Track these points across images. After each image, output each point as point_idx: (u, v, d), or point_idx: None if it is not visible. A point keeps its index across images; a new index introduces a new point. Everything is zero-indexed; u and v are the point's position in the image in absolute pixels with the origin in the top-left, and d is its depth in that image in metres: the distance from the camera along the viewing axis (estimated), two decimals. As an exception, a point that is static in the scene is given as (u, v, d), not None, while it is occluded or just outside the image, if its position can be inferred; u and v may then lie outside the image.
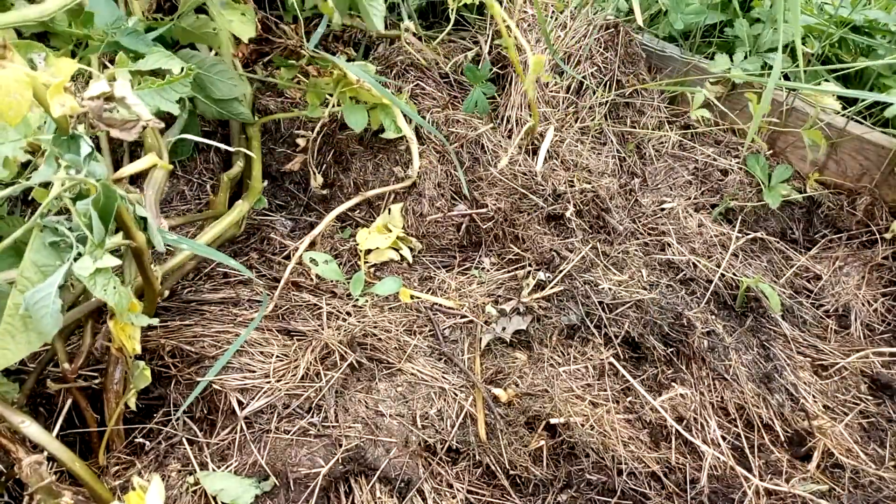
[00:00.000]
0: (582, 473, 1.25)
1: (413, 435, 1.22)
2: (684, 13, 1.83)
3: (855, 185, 1.75)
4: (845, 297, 1.59)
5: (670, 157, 1.80)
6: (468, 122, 1.68)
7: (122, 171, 0.86)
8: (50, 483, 0.94)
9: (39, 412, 1.23)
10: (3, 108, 0.68)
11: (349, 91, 1.56)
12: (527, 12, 1.81)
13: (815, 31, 1.82)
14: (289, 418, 1.21)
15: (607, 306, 1.44)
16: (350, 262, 1.55)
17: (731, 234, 1.65)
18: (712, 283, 1.52)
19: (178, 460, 1.17)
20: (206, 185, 1.62)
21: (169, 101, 1.03)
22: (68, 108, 0.70)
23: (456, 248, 1.61)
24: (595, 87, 1.77)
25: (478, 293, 1.48)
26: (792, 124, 1.76)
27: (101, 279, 0.80)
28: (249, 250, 1.56)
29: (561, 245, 1.55)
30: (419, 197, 1.60)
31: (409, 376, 1.30)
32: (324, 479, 1.15)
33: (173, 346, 1.28)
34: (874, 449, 1.35)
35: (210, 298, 1.41)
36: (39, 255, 0.81)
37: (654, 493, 1.24)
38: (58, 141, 0.74)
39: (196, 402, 1.24)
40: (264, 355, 1.29)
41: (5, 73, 0.68)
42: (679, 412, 1.34)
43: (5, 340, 0.83)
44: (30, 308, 0.78)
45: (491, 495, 1.22)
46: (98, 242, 0.78)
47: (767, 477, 1.28)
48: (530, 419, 1.29)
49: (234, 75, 1.37)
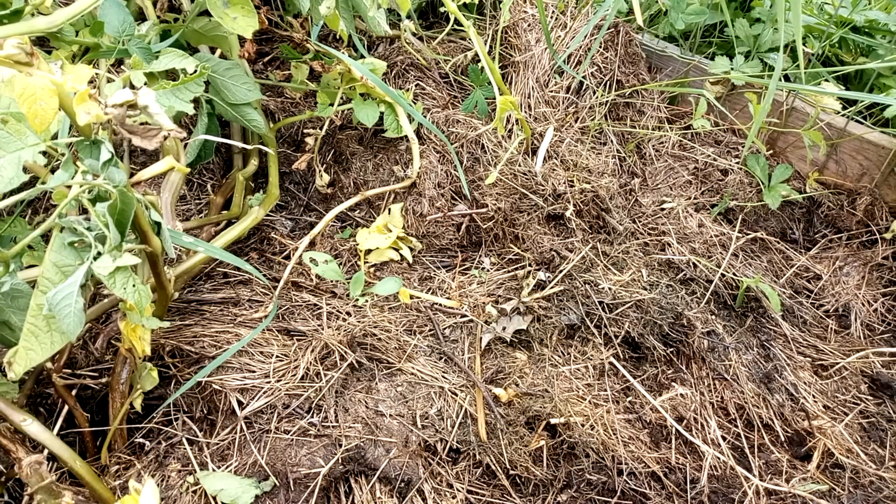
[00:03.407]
0: (582, 473, 1.25)
1: (413, 435, 1.22)
2: (684, 13, 1.83)
3: (855, 185, 1.75)
4: (845, 297, 1.59)
5: (670, 157, 1.80)
6: (468, 122, 1.68)
7: (140, 175, 0.86)
8: (50, 483, 0.94)
9: (39, 412, 1.23)
10: (30, 116, 0.69)
11: (359, 87, 1.56)
12: (527, 12, 1.81)
13: (816, 31, 1.82)
14: (289, 418, 1.21)
15: (607, 306, 1.44)
16: (350, 262, 1.55)
17: (731, 234, 1.65)
18: (712, 283, 1.52)
19: (178, 460, 1.17)
20: (206, 185, 1.62)
21: (183, 101, 1.04)
22: (93, 116, 0.71)
23: (456, 247, 1.61)
24: (595, 87, 1.77)
25: (478, 293, 1.48)
26: (792, 124, 1.76)
27: (121, 278, 0.80)
28: (249, 250, 1.56)
29: (561, 245, 1.55)
30: (419, 197, 1.60)
31: (409, 376, 1.29)
32: (324, 479, 1.15)
33: (173, 346, 1.28)
34: (874, 449, 1.35)
35: (210, 298, 1.41)
36: (60, 255, 0.82)
37: (654, 493, 1.24)
38: (80, 146, 0.75)
39: (196, 402, 1.24)
40: (264, 355, 1.29)
41: (32, 80, 0.68)
42: (679, 412, 1.34)
43: (30, 341, 0.84)
44: (52, 308, 0.79)
45: (491, 495, 1.22)
46: (115, 246, 0.79)
47: (767, 477, 1.28)
48: (530, 419, 1.29)
49: (248, 80, 1.37)
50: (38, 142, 0.76)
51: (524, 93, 1.72)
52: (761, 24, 1.84)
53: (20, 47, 0.68)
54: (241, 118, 1.42)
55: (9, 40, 0.67)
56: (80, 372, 1.24)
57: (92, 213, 0.79)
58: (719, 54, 1.85)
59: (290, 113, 1.71)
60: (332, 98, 1.59)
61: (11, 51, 0.67)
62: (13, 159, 0.73)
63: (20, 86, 0.69)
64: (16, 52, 0.67)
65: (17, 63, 0.68)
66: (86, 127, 0.73)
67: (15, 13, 0.88)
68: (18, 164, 0.74)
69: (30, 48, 0.68)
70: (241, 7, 1.16)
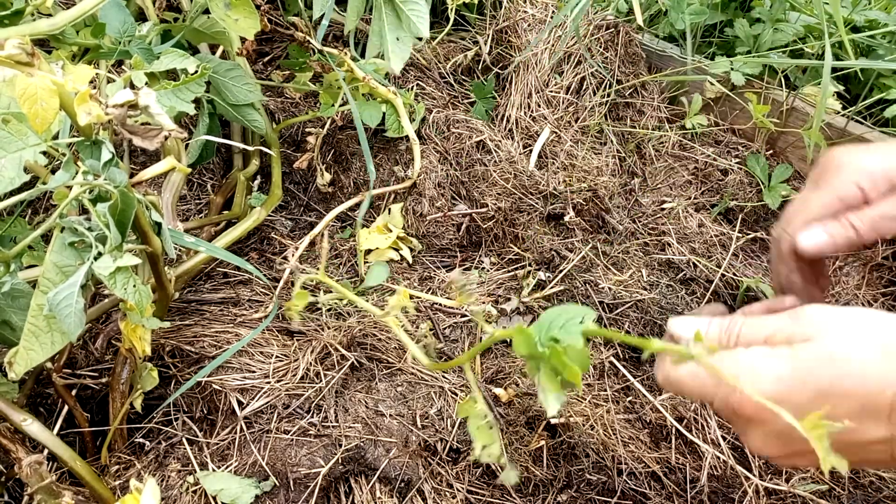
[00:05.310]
0: (582, 473, 1.25)
1: (413, 435, 1.22)
2: (685, 13, 1.83)
3: (855, 186, 1.75)
4: (845, 297, 1.59)
5: (670, 157, 1.80)
6: (468, 123, 1.68)
7: (142, 175, 0.86)
8: (50, 483, 0.94)
9: (39, 412, 1.23)
10: (31, 116, 0.69)
11: (362, 88, 1.56)
12: (527, 12, 1.81)
13: (816, 30, 1.82)
14: (289, 418, 1.21)
15: (607, 306, 1.44)
16: (350, 262, 1.55)
17: (731, 234, 1.65)
18: (712, 283, 1.52)
19: (178, 460, 1.17)
20: (206, 185, 1.62)
21: (184, 102, 1.04)
22: (94, 116, 0.71)
23: (456, 247, 1.61)
24: (595, 86, 1.77)
25: (478, 293, 1.48)
26: (792, 124, 1.76)
27: (122, 278, 0.80)
28: (249, 250, 1.56)
29: (561, 245, 1.55)
30: (419, 197, 1.60)
31: (409, 376, 1.30)
32: (324, 479, 1.15)
33: (173, 346, 1.28)
34: (874, 449, 1.35)
35: (210, 298, 1.41)
36: (60, 255, 0.82)
37: (654, 493, 1.24)
38: (81, 146, 0.75)
39: (196, 402, 1.24)
40: (264, 355, 1.29)
41: (33, 81, 0.68)
42: (679, 412, 1.34)
43: (30, 341, 0.84)
44: (53, 308, 0.79)
45: (491, 495, 1.22)
46: (115, 246, 0.79)
47: (767, 476, 1.28)
48: (530, 419, 1.29)
49: (249, 80, 1.37)
50: (39, 142, 0.76)
51: (524, 93, 1.72)
52: (761, 24, 1.84)
53: (21, 47, 0.68)
54: (242, 118, 1.41)
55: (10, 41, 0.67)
56: (80, 372, 1.24)
57: (93, 214, 0.79)
58: (719, 54, 1.85)
59: (290, 113, 1.71)
60: (334, 98, 1.59)
61: (12, 51, 0.67)
62: (14, 159, 0.73)
63: (21, 86, 0.69)
64: (17, 53, 0.67)
65: (18, 63, 0.68)
66: (86, 127, 0.73)
67: (16, 14, 0.88)
68: (20, 165, 0.74)
69: (31, 48, 0.68)
70: (243, 9, 1.16)
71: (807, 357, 0.54)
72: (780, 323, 0.58)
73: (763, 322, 0.59)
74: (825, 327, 0.55)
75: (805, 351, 0.54)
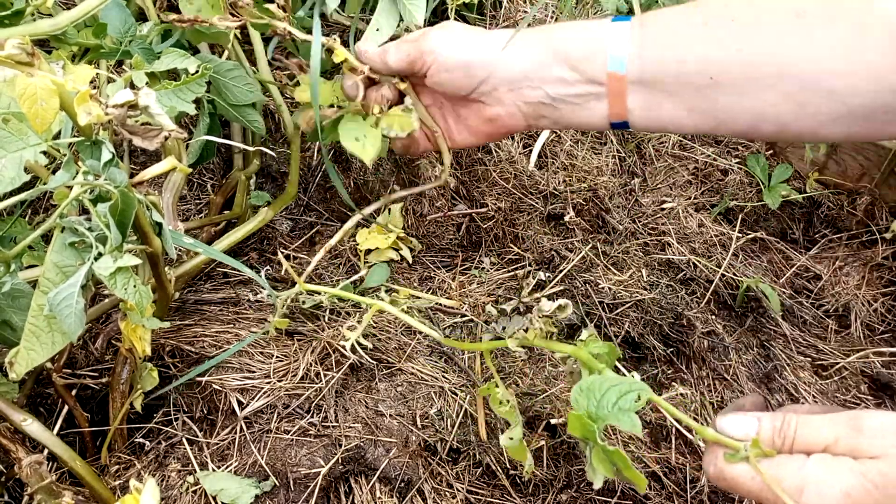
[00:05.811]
0: (582, 473, 1.25)
1: (413, 435, 1.22)
2: (684, 13, 1.83)
3: (855, 185, 1.75)
4: (845, 297, 1.59)
5: (670, 157, 1.80)
6: (468, 122, 1.68)
7: (142, 175, 0.86)
8: (50, 483, 0.94)
9: (39, 412, 1.23)
10: (31, 116, 0.69)
11: None
12: (527, 12, 1.81)
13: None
14: (289, 418, 1.21)
15: (607, 306, 1.44)
16: (350, 262, 1.55)
17: (731, 234, 1.65)
18: (712, 284, 1.52)
19: (178, 460, 1.17)
20: (206, 185, 1.62)
21: (185, 102, 1.03)
22: (94, 116, 0.71)
23: (456, 247, 1.61)
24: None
25: (478, 293, 1.48)
26: (792, 124, 1.76)
27: (122, 278, 0.80)
28: (249, 250, 1.56)
29: (561, 245, 1.55)
30: (419, 196, 1.60)
31: (409, 376, 1.30)
32: (324, 479, 1.15)
33: (173, 346, 1.29)
34: (874, 449, 1.35)
35: (210, 298, 1.41)
36: (60, 255, 0.81)
37: (654, 493, 1.24)
38: (81, 146, 0.75)
39: (196, 402, 1.24)
40: (264, 355, 1.29)
41: (33, 81, 0.68)
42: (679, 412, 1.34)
43: (31, 341, 0.84)
44: (53, 308, 0.79)
45: (491, 495, 1.22)
46: (116, 247, 0.79)
47: (767, 477, 1.28)
48: (530, 419, 1.29)
49: (249, 80, 1.36)
50: (39, 142, 0.76)
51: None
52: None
53: (21, 47, 0.68)
54: (243, 119, 1.41)
55: (10, 41, 0.67)
56: (80, 372, 1.24)
57: (93, 214, 0.79)
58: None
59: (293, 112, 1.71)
60: None
61: (12, 51, 0.67)
62: (15, 159, 0.73)
63: (21, 86, 0.69)
64: (17, 53, 0.67)
65: (19, 63, 0.68)
66: (87, 127, 0.73)
67: (16, 14, 0.88)
68: (20, 164, 0.74)
69: (31, 48, 0.68)
70: None
71: (875, 476, 0.53)
72: (840, 431, 0.56)
73: (820, 426, 0.57)
74: (892, 444, 0.54)
75: (874, 470, 0.53)
